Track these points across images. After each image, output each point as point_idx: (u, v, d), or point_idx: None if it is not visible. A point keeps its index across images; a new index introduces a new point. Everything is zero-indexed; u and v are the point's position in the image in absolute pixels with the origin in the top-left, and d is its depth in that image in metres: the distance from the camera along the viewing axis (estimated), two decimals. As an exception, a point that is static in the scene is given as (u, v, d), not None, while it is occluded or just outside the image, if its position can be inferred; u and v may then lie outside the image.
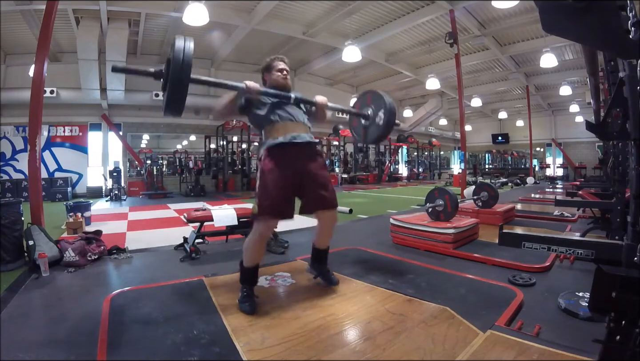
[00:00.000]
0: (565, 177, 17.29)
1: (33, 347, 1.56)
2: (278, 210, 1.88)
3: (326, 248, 2.24)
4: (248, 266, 1.94)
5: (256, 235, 1.90)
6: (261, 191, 1.89)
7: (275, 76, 2.11)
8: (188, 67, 1.58)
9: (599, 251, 1.86)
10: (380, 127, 2.28)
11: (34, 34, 7.65)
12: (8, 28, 8.00)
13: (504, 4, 6.68)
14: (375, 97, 2.33)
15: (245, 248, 1.94)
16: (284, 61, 2.15)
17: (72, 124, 10.04)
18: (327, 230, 2.17)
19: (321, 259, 2.26)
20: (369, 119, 2.33)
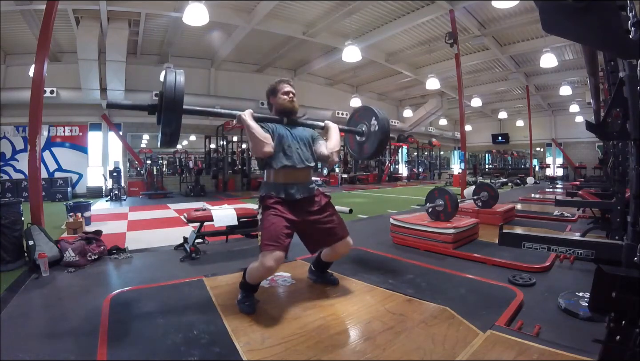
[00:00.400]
0: (565, 177, 17.28)
1: (33, 347, 1.56)
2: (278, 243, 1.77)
3: (332, 261, 2.24)
4: (250, 283, 1.90)
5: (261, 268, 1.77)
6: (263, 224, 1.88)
7: (282, 100, 2.05)
8: (180, 100, 1.60)
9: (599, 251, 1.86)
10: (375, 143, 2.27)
11: (34, 34, 7.65)
12: (8, 28, 8.00)
13: (504, 4, 6.67)
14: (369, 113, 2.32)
15: (250, 269, 1.86)
16: (289, 83, 2.09)
17: (72, 124, 10.04)
18: (340, 254, 2.14)
19: (324, 269, 2.28)
20: (364, 135, 2.33)
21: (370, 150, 2.30)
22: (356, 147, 2.43)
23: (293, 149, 1.97)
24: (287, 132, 2.00)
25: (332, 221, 2.02)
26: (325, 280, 2.25)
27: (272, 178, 1.96)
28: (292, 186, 1.94)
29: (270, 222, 1.84)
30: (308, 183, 2.03)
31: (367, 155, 2.36)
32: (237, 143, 12.27)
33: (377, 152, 2.33)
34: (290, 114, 2.05)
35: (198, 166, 11.24)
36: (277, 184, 1.94)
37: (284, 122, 2.03)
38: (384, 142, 2.28)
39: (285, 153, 1.94)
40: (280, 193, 1.92)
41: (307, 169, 2.02)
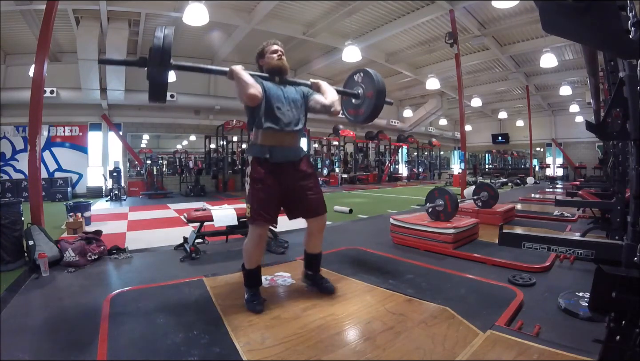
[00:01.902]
0: (565, 177, 17.28)
1: (33, 347, 1.56)
2: (268, 217, 1.89)
3: (317, 253, 2.15)
4: (250, 268, 1.95)
5: (253, 237, 1.91)
6: (251, 198, 1.90)
7: (270, 59, 2.03)
8: (168, 53, 1.64)
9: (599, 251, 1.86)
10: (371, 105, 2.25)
11: (34, 34, 7.65)
12: (8, 28, 7.99)
13: (504, 4, 6.68)
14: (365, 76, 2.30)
15: (244, 250, 1.96)
16: (277, 44, 2.07)
17: (72, 124, 10.04)
18: (316, 234, 2.10)
19: (313, 265, 2.18)
20: (360, 98, 2.31)
21: (367, 113, 2.28)
22: (352, 111, 2.41)
23: (283, 110, 1.94)
24: (279, 92, 1.96)
25: (312, 193, 2.01)
26: (321, 288, 2.13)
27: (259, 139, 1.94)
28: (279, 148, 1.93)
29: (258, 194, 1.88)
30: (295, 147, 2.02)
31: (363, 118, 2.33)
32: (237, 143, 12.27)
33: (373, 115, 2.29)
34: (280, 72, 2.02)
35: (198, 166, 11.25)
36: (263, 145, 1.92)
37: (276, 81, 2.00)
38: (380, 104, 2.25)
39: (274, 114, 1.91)
40: (265, 154, 1.90)
41: (295, 133, 1.99)
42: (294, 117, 1.97)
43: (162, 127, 11.35)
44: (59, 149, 9.96)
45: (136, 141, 11.42)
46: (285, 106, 1.95)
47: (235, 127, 11.37)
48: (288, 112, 1.95)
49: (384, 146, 17.05)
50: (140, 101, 10.22)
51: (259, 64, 2.12)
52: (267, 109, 1.90)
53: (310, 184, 2.02)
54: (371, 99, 2.24)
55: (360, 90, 2.31)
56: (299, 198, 1.98)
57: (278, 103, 1.93)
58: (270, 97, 1.92)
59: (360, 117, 2.35)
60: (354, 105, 2.38)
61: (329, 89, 2.10)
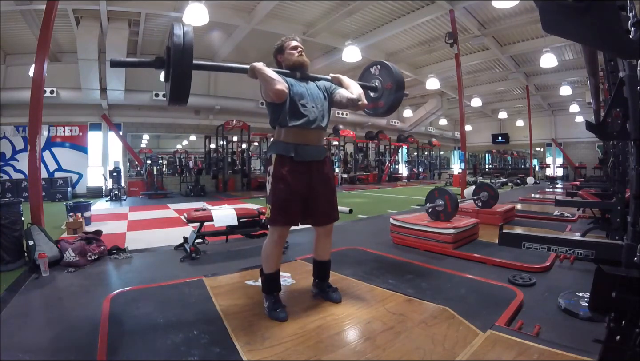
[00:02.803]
0: (565, 177, 17.28)
1: (33, 347, 1.56)
2: (290, 218, 1.85)
3: (327, 260, 2.09)
4: (269, 273, 1.89)
5: (273, 238, 1.87)
6: (273, 198, 1.84)
7: (291, 55, 1.98)
8: (190, 53, 1.53)
9: (599, 251, 1.86)
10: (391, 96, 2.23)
11: (34, 34, 7.64)
12: (8, 28, 7.99)
13: (504, 4, 6.67)
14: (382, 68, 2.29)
15: (263, 252, 1.90)
16: (296, 39, 2.03)
17: (72, 124, 10.04)
18: (323, 239, 2.05)
19: (321, 273, 2.10)
20: (378, 91, 2.28)
21: (386, 106, 2.25)
22: (371, 104, 2.36)
23: (308, 107, 1.88)
24: (303, 89, 1.90)
25: (329, 199, 1.98)
26: (328, 297, 2.04)
27: (283, 137, 1.88)
28: (304, 146, 1.87)
29: (280, 194, 1.82)
30: (319, 146, 1.96)
31: (383, 110, 2.31)
32: (237, 143, 12.27)
33: (392, 108, 2.27)
34: (301, 69, 1.97)
35: (198, 166, 11.25)
36: (287, 143, 1.86)
37: (297, 77, 1.94)
38: (399, 96, 2.22)
39: (299, 111, 1.85)
40: (290, 152, 1.84)
41: (320, 131, 1.94)
42: (319, 114, 1.92)
43: (162, 127, 11.35)
44: (59, 149, 9.96)
45: (136, 141, 11.42)
46: (310, 102, 1.90)
47: (235, 127, 11.37)
48: (313, 108, 1.90)
49: (384, 146, 17.05)
50: (140, 101, 10.24)
51: (278, 60, 2.06)
52: (292, 106, 1.84)
53: (329, 189, 1.98)
54: (390, 91, 2.21)
55: (377, 82, 2.28)
56: (315, 201, 1.92)
57: (302, 100, 1.87)
58: (294, 94, 1.86)
59: (379, 109, 2.33)
60: (372, 98, 2.34)
61: (352, 83, 2.06)
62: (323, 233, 2.04)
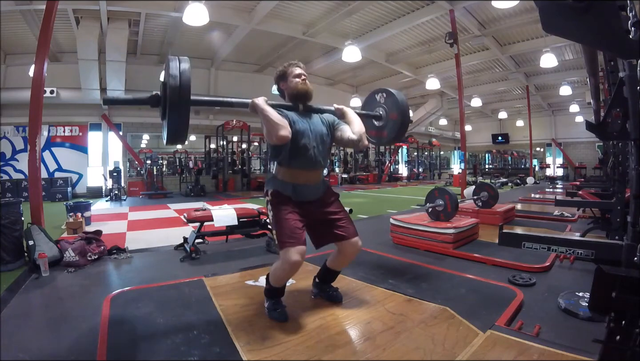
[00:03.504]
0: (565, 177, 17.27)
1: (33, 347, 1.56)
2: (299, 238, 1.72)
3: (339, 270, 2.03)
4: (277, 286, 1.82)
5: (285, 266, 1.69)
6: (276, 223, 1.76)
7: (294, 83, 1.86)
8: (187, 90, 1.45)
9: (599, 251, 1.86)
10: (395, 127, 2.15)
11: (34, 34, 7.64)
12: (8, 28, 7.99)
13: (504, 4, 6.67)
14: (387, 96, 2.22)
15: (273, 272, 1.79)
16: (299, 66, 1.92)
17: (72, 124, 10.04)
18: (348, 257, 1.93)
19: (328, 279, 2.06)
20: (382, 120, 2.22)
21: (391, 135, 2.18)
22: (374, 132, 2.28)
23: (310, 147, 1.79)
24: (306, 126, 1.82)
25: (340, 218, 1.89)
26: (329, 296, 2.01)
27: (281, 176, 1.83)
28: (302, 186, 1.81)
29: (284, 218, 1.74)
30: (319, 185, 1.89)
31: (387, 140, 2.25)
32: (237, 143, 12.27)
33: (399, 136, 2.20)
34: (304, 98, 1.86)
35: (198, 166, 11.25)
36: (285, 182, 1.81)
37: (300, 109, 1.85)
38: (405, 125, 2.15)
39: (300, 152, 1.78)
40: (287, 192, 1.79)
41: (319, 170, 1.88)
42: (320, 155, 1.83)
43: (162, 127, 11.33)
44: (59, 149, 9.96)
45: (136, 141, 11.42)
46: (312, 142, 1.81)
47: (235, 127, 11.37)
48: (314, 149, 1.81)
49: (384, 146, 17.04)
50: (140, 102, 10.22)
51: (280, 87, 1.95)
52: (294, 146, 1.76)
53: (336, 210, 1.90)
54: (395, 121, 2.14)
55: (382, 111, 2.21)
56: (327, 225, 1.86)
57: (305, 139, 1.78)
58: (297, 133, 1.76)
59: (383, 139, 2.26)
60: (377, 127, 2.26)
61: (356, 119, 1.93)
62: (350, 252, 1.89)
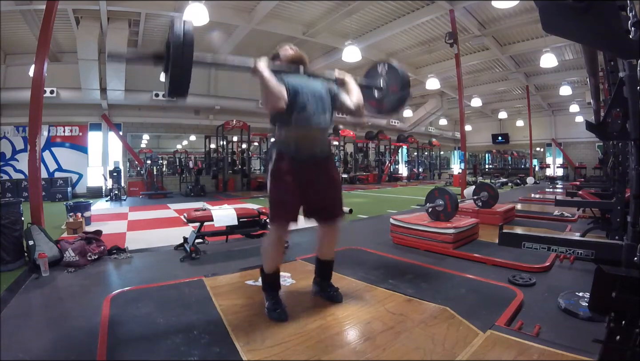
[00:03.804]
0: (565, 177, 17.27)
1: (33, 347, 1.56)
2: (291, 216, 1.81)
3: (330, 259, 2.04)
4: (269, 272, 1.86)
5: (273, 237, 1.84)
6: (273, 196, 1.81)
7: (285, 51, 1.96)
8: (190, 49, 1.54)
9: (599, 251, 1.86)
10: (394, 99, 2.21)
11: (34, 34, 7.64)
12: (8, 28, 7.99)
13: (504, 4, 6.67)
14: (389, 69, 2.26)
15: (263, 251, 1.88)
16: (291, 47, 2.01)
17: (72, 124, 10.04)
18: (328, 239, 1.99)
19: (324, 273, 2.06)
20: (383, 92, 2.26)
21: (389, 106, 2.23)
22: (374, 103, 2.31)
23: (310, 105, 1.80)
24: (303, 87, 1.82)
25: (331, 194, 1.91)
26: (329, 296, 2.00)
27: (284, 136, 1.82)
28: (305, 145, 1.81)
29: (281, 189, 1.79)
30: (321, 145, 1.90)
31: (386, 111, 2.28)
32: (237, 143, 12.27)
33: (397, 109, 2.25)
34: (300, 61, 1.90)
35: (198, 166, 11.25)
36: (288, 142, 1.81)
37: (301, 72, 1.88)
38: (404, 98, 2.20)
39: (300, 111, 1.78)
40: (290, 150, 1.79)
41: (322, 130, 1.89)
42: (321, 113, 1.85)
43: (162, 127, 11.35)
44: (59, 149, 9.96)
45: (136, 141, 11.42)
46: (311, 101, 1.82)
47: (235, 127, 11.37)
48: (314, 107, 1.82)
49: (384, 146, 17.06)
50: (140, 101, 10.23)
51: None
52: (293, 104, 1.76)
53: (332, 186, 1.92)
54: (395, 93, 2.18)
55: (383, 82, 2.25)
56: (318, 197, 1.87)
57: (304, 98, 1.80)
58: (297, 92, 1.78)
59: (382, 110, 2.30)
60: (377, 98, 2.30)
61: (354, 89, 1.98)
62: (327, 231, 1.97)
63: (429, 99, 16.53)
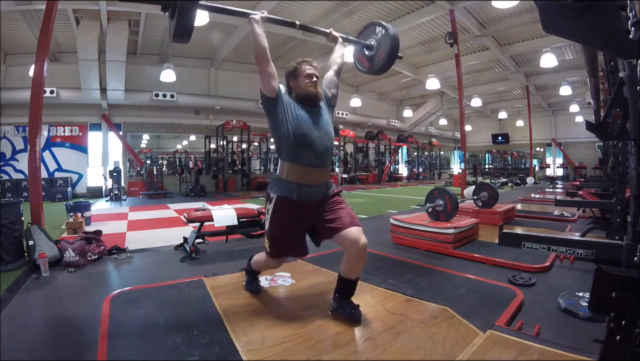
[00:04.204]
0: (565, 177, 17.27)
1: (33, 347, 1.56)
2: (288, 252, 1.88)
3: (354, 278, 1.81)
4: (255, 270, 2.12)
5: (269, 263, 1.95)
6: (271, 236, 1.80)
7: (304, 84, 1.80)
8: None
9: (599, 251, 1.86)
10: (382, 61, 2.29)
11: (34, 34, 7.64)
12: (8, 28, 7.99)
13: (504, 4, 6.68)
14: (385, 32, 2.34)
15: (256, 262, 2.06)
16: (312, 65, 1.84)
17: (72, 124, 10.03)
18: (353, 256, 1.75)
19: (345, 291, 1.82)
20: (373, 50, 2.33)
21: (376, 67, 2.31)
22: (364, 61, 2.42)
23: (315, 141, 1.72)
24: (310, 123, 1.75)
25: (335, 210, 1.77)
26: (346, 314, 1.77)
27: (285, 175, 1.75)
28: (308, 187, 1.73)
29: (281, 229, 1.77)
30: (324, 184, 1.81)
31: (372, 70, 2.36)
32: (237, 143, 12.27)
33: (383, 70, 2.32)
34: (313, 101, 1.82)
35: (198, 166, 11.25)
36: (290, 182, 1.72)
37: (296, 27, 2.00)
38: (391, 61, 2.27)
39: (304, 146, 1.70)
40: (292, 194, 1.71)
41: (327, 169, 1.82)
42: (327, 148, 1.77)
43: (162, 127, 11.35)
44: (59, 149, 9.95)
45: (136, 141, 11.41)
46: (315, 132, 1.74)
47: (235, 127, 11.37)
48: (320, 141, 1.74)
49: (384, 146, 17.05)
50: (140, 101, 10.23)
51: (289, 84, 1.88)
52: (297, 138, 1.70)
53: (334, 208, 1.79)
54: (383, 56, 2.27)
55: (374, 42, 2.32)
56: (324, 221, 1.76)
57: (308, 131, 1.73)
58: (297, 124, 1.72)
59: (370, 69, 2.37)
60: (367, 56, 2.39)
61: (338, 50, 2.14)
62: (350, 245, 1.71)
63: (429, 99, 16.53)
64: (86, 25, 8.02)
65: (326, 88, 2.00)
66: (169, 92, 10.15)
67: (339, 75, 2.08)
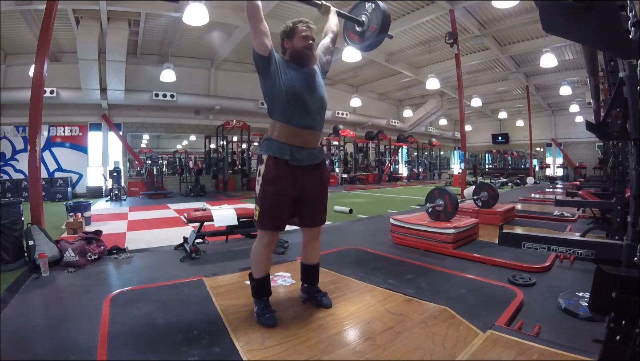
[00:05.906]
0: (565, 177, 17.28)
1: (33, 347, 1.56)
2: (280, 224, 1.77)
3: (315, 263, 1.97)
4: (259, 277, 1.81)
5: (262, 243, 1.79)
6: (263, 202, 1.74)
7: (299, 44, 1.76)
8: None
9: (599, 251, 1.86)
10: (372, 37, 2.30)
11: (34, 34, 7.65)
12: (8, 28, 7.99)
13: (504, 4, 6.68)
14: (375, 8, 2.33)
15: (252, 256, 1.83)
16: (309, 26, 1.80)
17: (72, 124, 10.04)
18: (312, 242, 1.94)
19: (310, 277, 1.98)
20: (364, 25, 2.34)
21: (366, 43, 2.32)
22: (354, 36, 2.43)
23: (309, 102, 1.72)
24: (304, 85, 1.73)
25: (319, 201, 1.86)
26: (317, 302, 1.92)
27: (277, 134, 1.72)
28: (300, 149, 1.73)
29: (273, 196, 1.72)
30: (317, 149, 1.83)
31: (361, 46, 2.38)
32: (237, 143, 12.27)
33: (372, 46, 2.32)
34: (307, 62, 1.78)
35: (198, 166, 11.25)
36: (282, 143, 1.71)
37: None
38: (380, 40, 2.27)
39: (298, 106, 1.70)
40: (285, 155, 1.70)
41: (319, 133, 1.82)
42: (319, 110, 1.78)
43: (162, 127, 11.35)
44: (59, 149, 9.96)
45: (136, 141, 11.41)
46: (308, 93, 1.73)
47: (235, 127, 11.37)
48: (313, 103, 1.74)
49: (384, 146, 17.06)
50: (140, 101, 10.24)
51: (284, 45, 1.83)
52: (290, 97, 1.69)
53: (322, 192, 1.87)
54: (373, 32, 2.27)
55: (365, 18, 2.33)
56: (306, 203, 1.81)
57: (302, 91, 1.71)
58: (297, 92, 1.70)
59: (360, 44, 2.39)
60: (357, 31, 2.40)
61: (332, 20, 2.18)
62: (311, 236, 1.93)
63: (429, 99, 16.53)
64: (86, 25, 8.02)
65: (321, 53, 2.02)
66: (169, 92, 10.15)
67: (335, 43, 2.11)
